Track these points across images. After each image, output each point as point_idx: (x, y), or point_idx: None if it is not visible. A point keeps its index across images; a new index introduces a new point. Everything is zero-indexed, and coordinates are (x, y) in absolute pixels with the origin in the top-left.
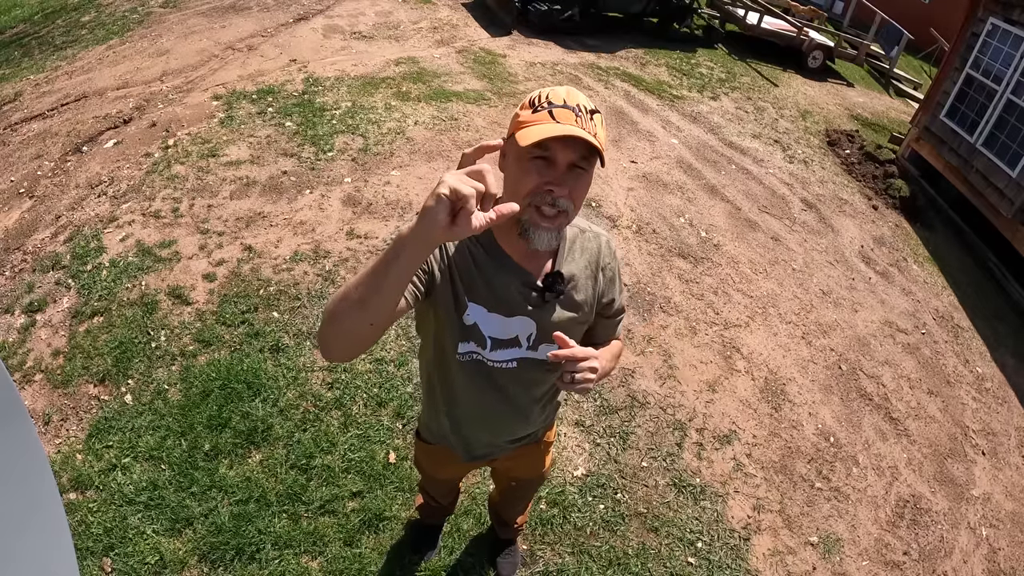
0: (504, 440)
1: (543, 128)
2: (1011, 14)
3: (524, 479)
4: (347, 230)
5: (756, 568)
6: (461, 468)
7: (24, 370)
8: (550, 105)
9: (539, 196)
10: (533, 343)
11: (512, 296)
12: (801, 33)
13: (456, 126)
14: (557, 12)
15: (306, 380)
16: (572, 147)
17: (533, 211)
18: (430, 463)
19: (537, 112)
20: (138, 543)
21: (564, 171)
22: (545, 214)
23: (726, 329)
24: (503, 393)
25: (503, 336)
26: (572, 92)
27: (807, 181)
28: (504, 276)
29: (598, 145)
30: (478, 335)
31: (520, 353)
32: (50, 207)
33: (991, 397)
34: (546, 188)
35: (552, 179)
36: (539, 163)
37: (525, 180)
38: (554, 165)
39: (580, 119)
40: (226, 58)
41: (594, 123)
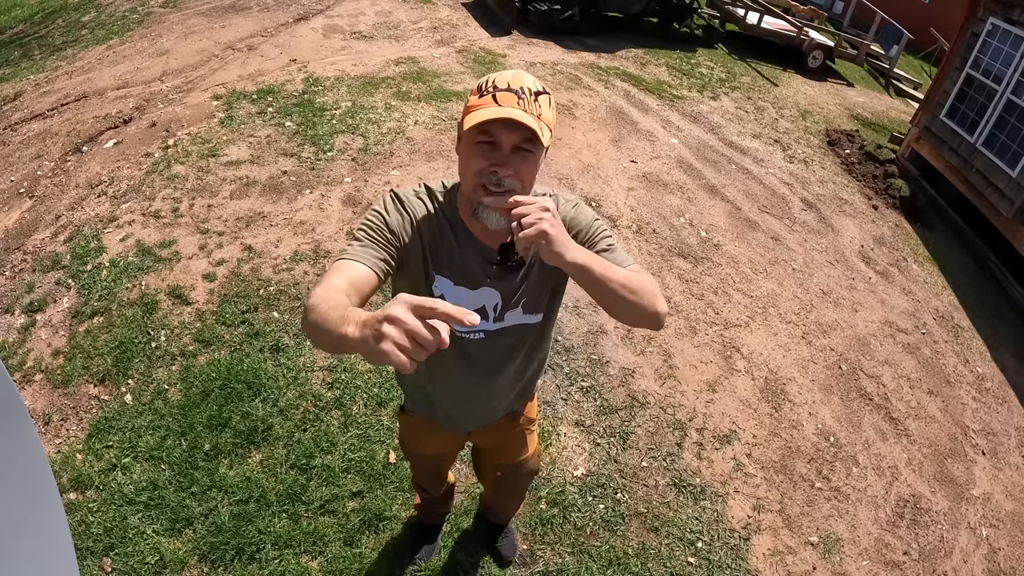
0: (480, 408)
1: (484, 112)
2: (1011, 14)
3: (507, 464)
4: (347, 230)
5: (756, 568)
6: (443, 442)
7: (24, 370)
8: (495, 89)
9: (485, 176)
10: (499, 313)
11: (474, 271)
12: (801, 33)
13: (456, 126)
14: (557, 12)
15: (306, 380)
16: (514, 130)
17: (481, 190)
18: (413, 437)
19: (483, 97)
20: (138, 543)
21: (508, 153)
22: (492, 194)
23: (726, 329)
24: (472, 362)
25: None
26: (518, 75)
27: (807, 181)
28: (467, 252)
29: (534, 127)
30: None
31: (486, 325)
32: (50, 207)
33: (991, 397)
34: (491, 169)
35: (496, 160)
36: (484, 147)
37: (472, 163)
38: (499, 148)
39: (523, 101)
40: (226, 58)
41: (538, 104)
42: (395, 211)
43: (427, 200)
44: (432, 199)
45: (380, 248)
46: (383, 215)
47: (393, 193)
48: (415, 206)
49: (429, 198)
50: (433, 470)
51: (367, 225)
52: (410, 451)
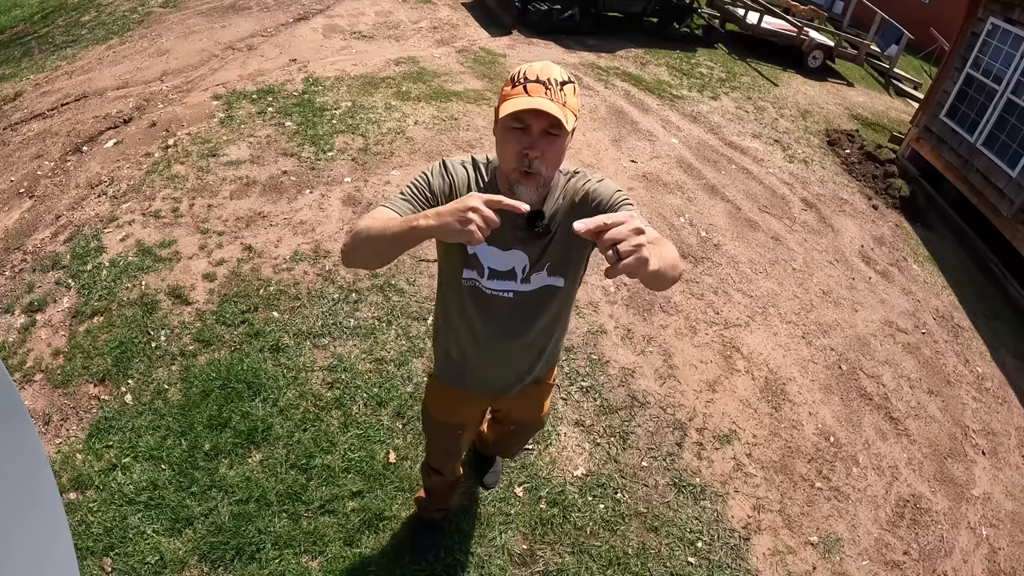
0: (507, 366)
1: (516, 102)
2: (1011, 14)
3: (523, 422)
4: (347, 230)
5: (756, 568)
6: (467, 408)
7: (24, 370)
8: (525, 80)
9: (519, 159)
10: (527, 274)
11: (505, 234)
12: (801, 33)
13: (456, 126)
14: (557, 12)
15: (306, 380)
16: (542, 117)
17: (516, 173)
18: (439, 402)
19: (515, 87)
20: (138, 543)
21: (537, 137)
22: (524, 174)
23: (726, 329)
24: (501, 321)
25: (501, 268)
26: (546, 67)
27: (807, 181)
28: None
29: (558, 115)
30: (478, 264)
31: (515, 286)
32: (50, 207)
33: (991, 397)
34: (523, 152)
35: (527, 144)
36: (517, 132)
37: (507, 147)
38: (529, 132)
39: (550, 91)
40: (226, 58)
41: (564, 93)
42: (439, 175)
43: (471, 169)
44: (476, 169)
45: (417, 205)
46: (428, 177)
47: (442, 162)
48: (458, 173)
49: (474, 168)
50: (451, 443)
51: (412, 184)
52: (432, 420)
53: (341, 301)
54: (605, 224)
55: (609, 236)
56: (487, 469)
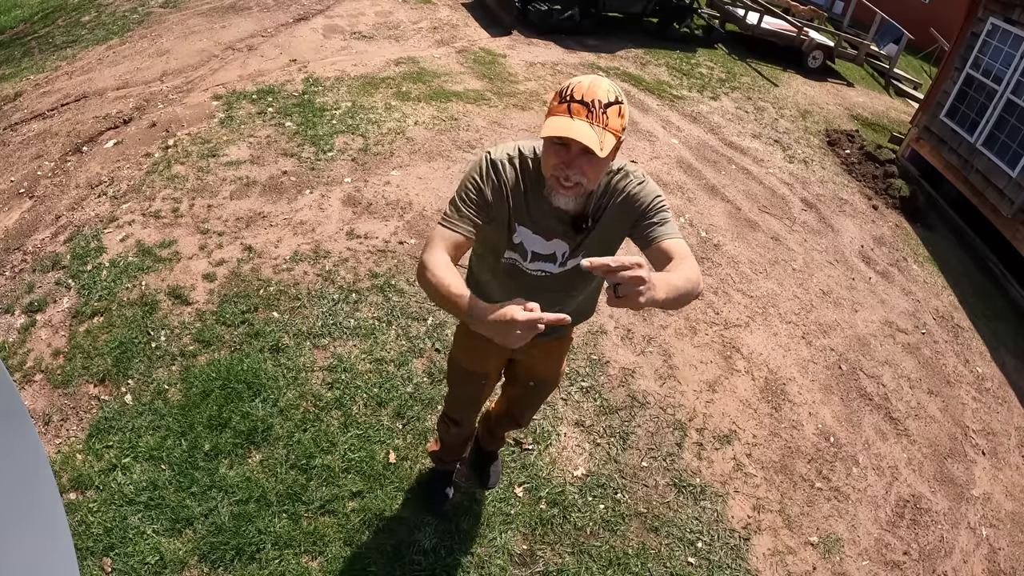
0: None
1: (555, 124)
2: (1011, 14)
3: (542, 379)
4: (347, 230)
5: (756, 568)
6: (492, 357)
7: (24, 370)
8: (571, 99)
9: (558, 171)
10: (565, 260)
11: (550, 225)
12: (801, 33)
13: (456, 126)
14: (557, 12)
15: (306, 380)
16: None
17: (554, 180)
18: (466, 349)
19: (561, 104)
20: (138, 543)
21: (576, 155)
22: (563, 184)
23: (726, 329)
24: (536, 293)
25: (543, 252)
26: (594, 86)
27: (807, 181)
28: (545, 209)
29: (592, 145)
30: (522, 249)
31: (554, 268)
32: (50, 207)
33: (991, 397)
34: (561, 167)
35: (565, 161)
36: (557, 147)
37: (548, 158)
38: (569, 150)
39: (592, 114)
40: (226, 58)
41: (607, 116)
42: (489, 178)
43: (518, 164)
44: (524, 163)
45: (473, 215)
46: (479, 183)
47: (489, 160)
48: (507, 171)
49: (520, 161)
50: (474, 393)
51: (465, 195)
52: (460, 368)
53: (341, 301)
54: (609, 266)
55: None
56: (487, 466)
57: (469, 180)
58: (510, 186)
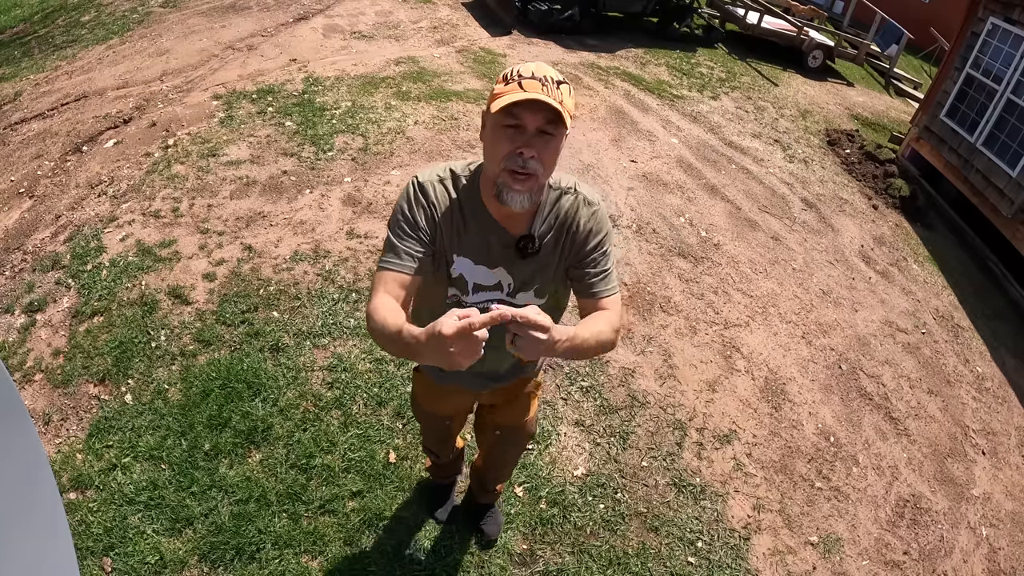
0: (486, 371)
1: (511, 96)
2: (1011, 14)
3: (508, 427)
4: (347, 230)
5: (756, 568)
6: (454, 401)
7: (24, 370)
8: (519, 77)
9: (510, 159)
10: (512, 291)
11: (493, 251)
12: (801, 33)
13: (456, 126)
14: (557, 12)
15: (306, 380)
16: (538, 112)
17: (506, 175)
18: (425, 395)
19: (508, 84)
20: (138, 543)
21: (532, 135)
22: (516, 177)
23: (726, 329)
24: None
25: (487, 283)
26: (540, 66)
27: (807, 181)
28: (486, 234)
29: (559, 108)
30: (461, 283)
31: (500, 296)
32: (50, 207)
33: (991, 397)
34: (516, 151)
35: (521, 143)
36: (510, 130)
37: (498, 146)
38: (523, 131)
39: (546, 88)
40: (226, 58)
41: (560, 92)
42: (418, 205)
43: (450, 186)
44: (456, 183)
45: (411, 248)
46: (408, 213)
47: (417, 184)
48: (437, 195)
49: (453, 182)
50: (442, 432)
51: (397, 229)
52: (422, 410)
53: (341, 301)
54: (515, 319)
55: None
56: (482, 519)
57: (399, 211)
58: (442, 211)
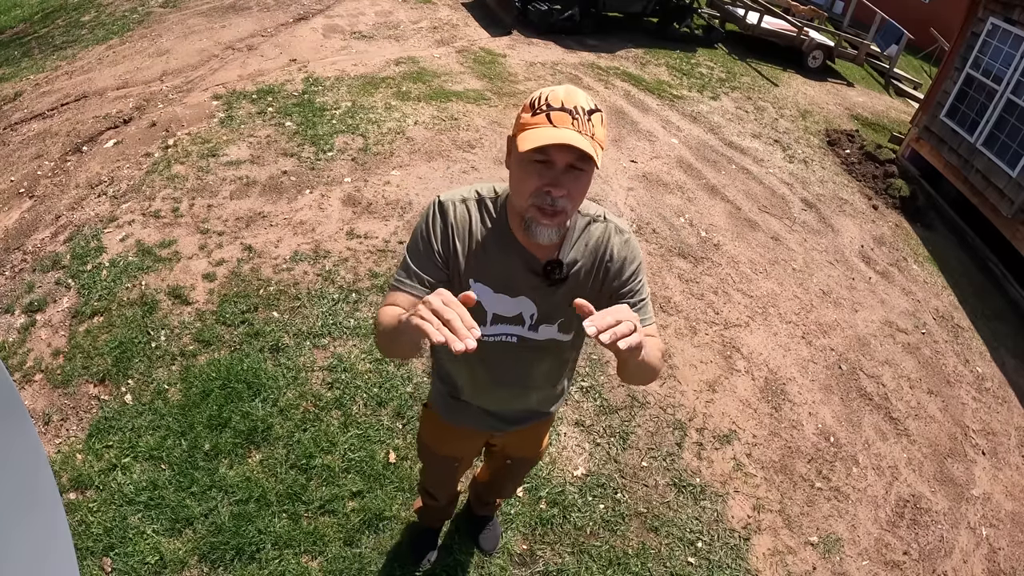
0: (506, 413)
1: (539, 134)
2: (1011, 14)
3: (518, 458)
4: (347, 230)
5: (756, 568)
6: (464, 442)
7: (24, 370)
8: (548, 108)
9: (539, 196)
10: (535, 323)
11: (517, 278)
12: (801, 33)
13: (456, 126)
14: (557, 12)
15: (306, 380)
16: (568, 150)
17: (535, 210)
18: (434, 434)
19: (536, 115)
20: (138, 543)
21: (561, 172)
22: (545, 212)
23: (726, 329)
24: (503, 366)
25: (508, 314)
26: (571, 93)
27: (807, 181)
28: (511, 259)
29: (589, 151)
30: (478, 312)
31: (521, 331)
32: (50, 207)
33: (991, 397)
34: (545, 189)
35: (550, 180)
36: (539, 166)
37: (527, 181)
38: (552, 167)
39: (577, 121)
40: (226, 58)
41: (591, 123)
42: (439, 226)
43: (473, 207)
44: (481, 207)
45: (425, 272)
46: (428, 234)
47: (437, 204)
48: (458, 216)
49: (478, 206)
50: (447, 473)
51: (413, 249)
52: (428, 450)
53: (341, 301)
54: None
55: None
56: (481, 531)
57: (417, 232)
58: (462, 232)
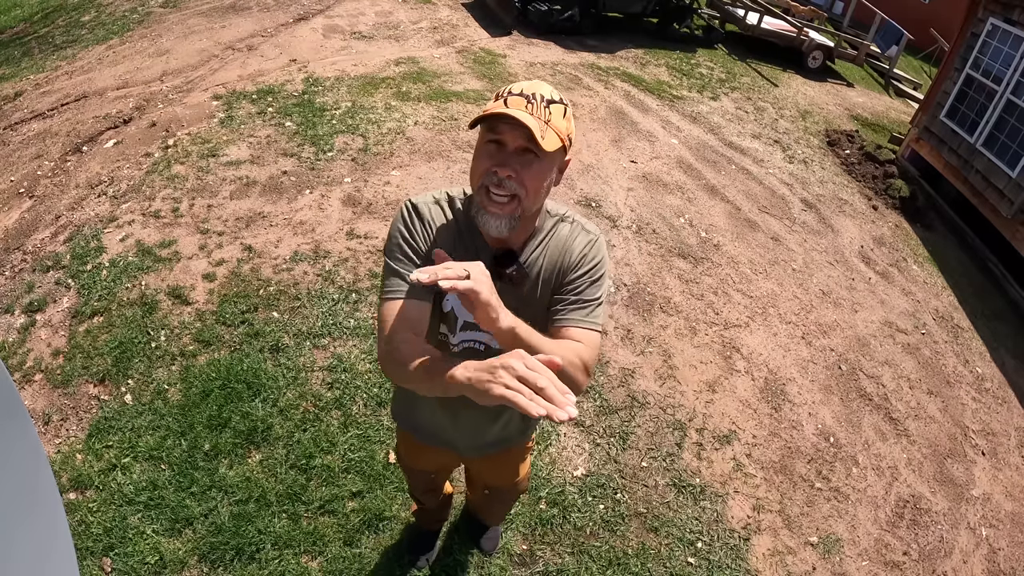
0: (472, 437)
1: (490, 109)
2: (1011, 14)
3: (497, 488)
4: (347, 230)
5: (756, 568)
6: (437, 459)
7: (24, 370)
8: (508, 95)
9: (488, 177)
10: None
11: None
12: (801, 33)
13: (456, 126)
14: (557, 12)
15: (306, 380)
16: (517, 129)
17: (483, 194)
18: (408, 450)
19: (496, 101)
20: (138, 543)
21: (512, 153)
22: (494, 198)
23: (726, 329)
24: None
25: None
26: (535, 84)
27: (807, 181)
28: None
29: (532, 125)
30: (451, 319)
31: (486, 338)
32: (50, 207)
33: (991, 397)
34: (492, 169)
35: (499, 160)
36: (491, 147)
37: (478, 163)
38: (503, 148)
39: (532, 105)
40: (226, 58)
41: (549, 112)
42: (415, 226)
43: (445, 207)
44: (451, 206)
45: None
46: (405, 234)
47: (410, 204)
48: (432, 216)
49: (448, 205)
50: (427, 484)
51: (395, 253)
52: (404, 464)
53: (341, 301)
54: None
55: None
56: (482, 535)
57: (394, 235)
58: (438, 233)
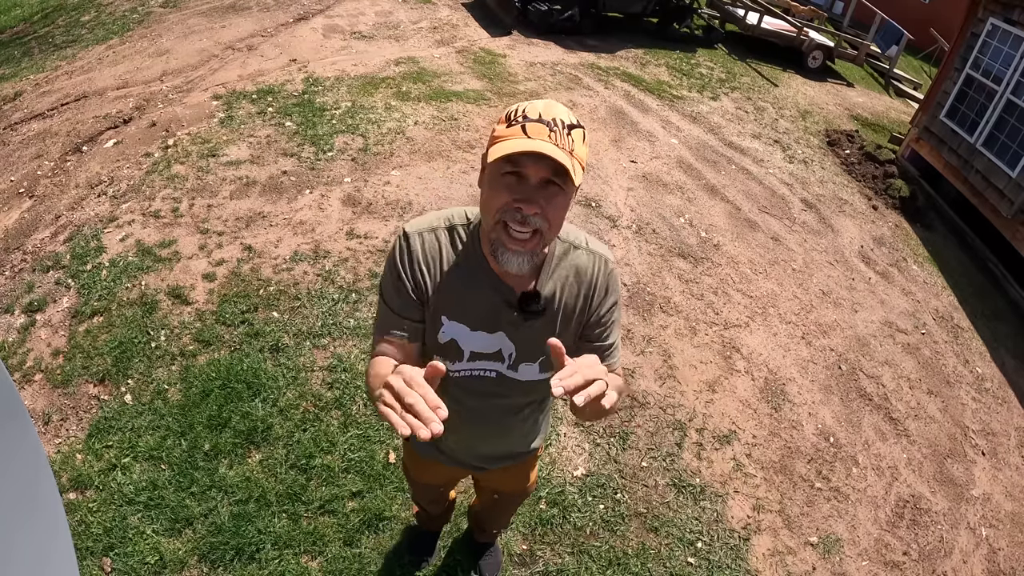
0: (484, 453)
1: (511, 143)
2: (1011, 14)
3: (507, 493)
4: (347, 230)
5: (756, 568)
6: (443, 474)
7: (24, 370)
8: (524, 120)
9: (508, 212)
10: (513, 363)
11: (493, 313)
12: (801, 33)
13: (456, 126)
14: (557, 12)
15: (306, 380)
16: (544, 163)
17: (501, 230)
18: (415, 465)
19: (511, 127)
20: (138, 543)
21: (536, 187)
22: (514, 235)
23: (726, 329)
24: (479, 403)
25: (487, 350)
26: (551, 106)
27: (807, 181)
28: (485, 292)
29: (565, 162)
30: (454, 350)
31: (500, 367)
32: (50, 207)
33: (991, 397)
34: (515, 205)
35: (522, 195)
36: (510, 179)
37: (495, 197)
38: (525, 181)
39: (555, 134)
40: (226, 58)
41: (571, 139)
42: (408, 262)
43: (443, 236)
44: (453, 235)
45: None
46: (399, 271)
47: (405, 236)
48: (426, 247)
49: (449, 235)
50: (434, 495)
51: (388, 291)
52: (409, 475)
53: (341, 301)
54: (583, 386)
55: (583, 398)
56: (481, 557)
57: (387, 271)
58: (432, 265)
